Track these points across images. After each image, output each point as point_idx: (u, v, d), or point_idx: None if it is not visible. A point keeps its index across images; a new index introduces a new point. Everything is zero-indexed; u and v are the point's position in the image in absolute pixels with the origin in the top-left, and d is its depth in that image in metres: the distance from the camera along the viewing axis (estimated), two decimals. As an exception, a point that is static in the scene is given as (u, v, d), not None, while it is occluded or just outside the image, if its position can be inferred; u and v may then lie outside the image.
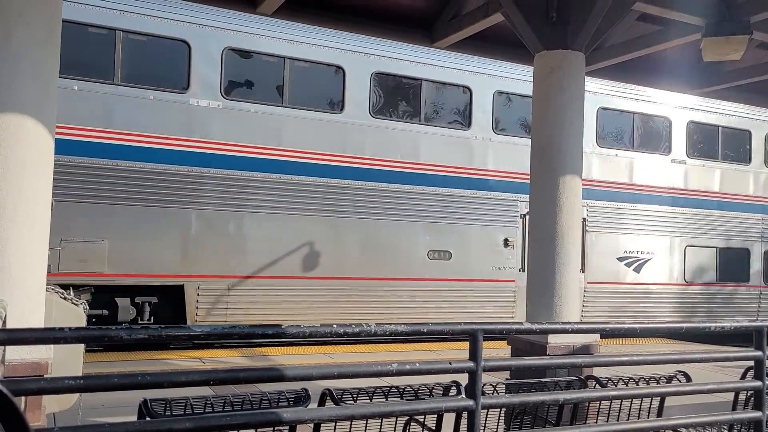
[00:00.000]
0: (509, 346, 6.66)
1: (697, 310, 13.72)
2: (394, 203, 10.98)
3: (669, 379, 4.86)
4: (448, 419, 4.06)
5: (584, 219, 11.93)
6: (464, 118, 11.76)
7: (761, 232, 14.69)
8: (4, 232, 3.79)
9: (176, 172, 9.51)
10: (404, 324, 3.32)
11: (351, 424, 3.81)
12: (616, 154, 13.20)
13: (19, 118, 3.85)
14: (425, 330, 3.52)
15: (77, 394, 4.66)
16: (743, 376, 5.32)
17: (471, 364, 3.39)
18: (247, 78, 10.29)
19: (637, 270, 13.10)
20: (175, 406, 3.45)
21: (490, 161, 11.83)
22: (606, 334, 5.12)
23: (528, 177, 11.75)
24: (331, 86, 10.82)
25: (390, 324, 3.22)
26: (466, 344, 3.48)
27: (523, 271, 11.33)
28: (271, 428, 3.25)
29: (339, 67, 10.68)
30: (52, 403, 4.33)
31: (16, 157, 3.83)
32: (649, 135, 13.87)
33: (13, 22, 3.85)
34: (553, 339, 6.03)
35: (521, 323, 3.88)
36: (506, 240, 11.86)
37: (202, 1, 7.84)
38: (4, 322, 3.27)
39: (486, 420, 4.24)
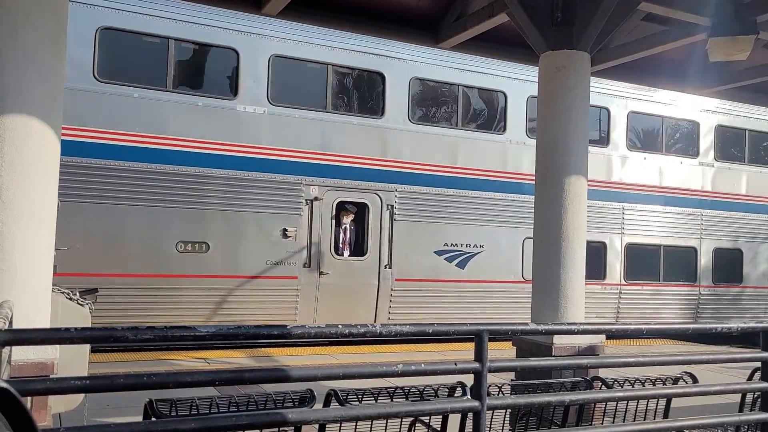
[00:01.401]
0: (514, 347, 6.64)
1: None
2: (129, 185, 8.99)
3: (675, 381, 4.85)
4: (454, 420, 4.06)
5: (392, 206, 10.67)
6: (228, 85, 9.85)
7: (621, 223, 12.85)
8: (10, 233, 3.80)
9: None
10: (409, 325, 3.32)
11: (356, 425, 3.81)
12: (435, 132, 11.27)
13: (26, 119, 3.86)
14: (430, 331, 3.52)
15: (83, 395, 4.67)
16: (750, 378, 5.30)
17: (476, 365, 3.39)
18: None
19: (461, 265, 11.21)
20: (180, 407, 3.46)
21: (264, 137, 9.90)
22: (609, 336, 5.13)
23: (318, 156, 10.35)
24: None
25: (395, 325, 3.22)
26: (471, 345, 3.48)
27: (309, 266, 10.15)
28: (277, 429, 3.26)
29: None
30: (58, 404, 4.35)
31: (22, 158, 3.85)
32: (478, 110, 11.95)
33: (20, 24, 3.87)
34: (558, 340, 6.02)
35: (527, 324, 3.88)
36: (285, 230, 9.95)
37: (207, 2, 7.84)
38: (10, 323, 3.27)
39: (491, 421, 4.23)
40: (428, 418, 4.15)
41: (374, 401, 3.87)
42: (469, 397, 3.49)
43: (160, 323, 8.44)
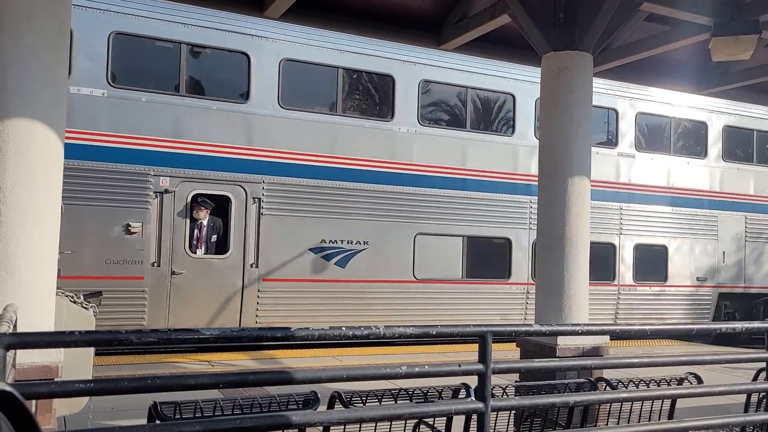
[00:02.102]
0: (518, 348, 6.63)
1: (435, 313, 10.83)
2: None
3: (680, 381, 4.83)
4: (458, 422, 4.05)
5: (259, 199, 9.80)
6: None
7: (528, 218, 11.68)
8: (15, 236, 3.81)
9: None
10: (413, 326, 3.32)
11: (360, 427, 3.81)
12: (310, 118, 10.24)
13: (29, 123, 3.87)
14: (434, 332, 3.52)
15: (87, 398, 4.68)
16: (755, 378, 5.28)
17: (480, 367, 3.38)
18: None
19: (342, 264, 10.30)
20: (184, 409, 3.46)
21: (104, 122, 8.90)
22: (613, 336, 5.12)
23: (169, 143, 9.23)
24: None
25: (399, 326, 3.22)
26: (474, 346, 3.48)
27: (158, 266, 9.16)
28: (281, 431, 3.25)
29: None
30: (63, 407, 4.35)
31: (26, 162, 3.86)
32: (361, 94, 10.93)
33: (23, 28, 3.88)
34: (562, 341, 6.01)
35: (531, 325, 3.87)
36: (128, 225, 8.94)
37: (208, 5, 7.86)
38: (15, 326, 3.28)
39: (495, 422, 4.23)
40: (432, 419, 4.14)
41: (378, 403, 3.86)
42: (473, 398, 3.48)
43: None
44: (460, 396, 4.02)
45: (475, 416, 3.52)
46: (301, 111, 10.20)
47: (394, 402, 3.87)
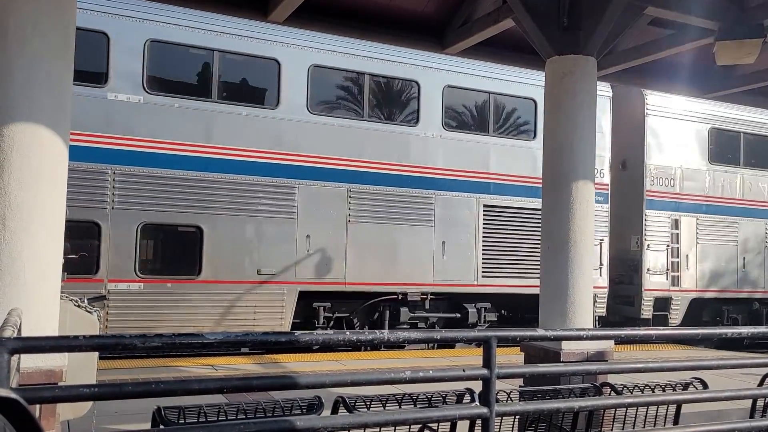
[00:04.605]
0: (522, 353, 6.61)
1: None
2: None
3: (685, 386, 4.81)
4: (462, 427, 4.04)
5: None
6: None
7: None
8: (19, 241, 3.82)
9: None
10: (417, 331, 3.32)
11: (364, 432, 3.80)
12: None
13: (34, 127, 3.88)
14: (438, 337, 3.51)
15: (91, 402, 4.68)
16: (761, 383, 5.26)
17: (485, 372, 3.37)
18: None
19: None
20: (188, 414, 3.46)
21: None
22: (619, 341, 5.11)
23: None
24: None
25: (403, 331, 3.22)
26: (479, 350, 3.47)
27: None
28: (285, 436, 3.24)
29: None
30: (67, 411, 4.35)
31: (30, 166, 3.87)
32: None
33: (29, 33, 3.89)
34: (567, 346, 5.99)
35: (535, 330, 3.86)
36: None
37: (214, 10, 7.87)
38: (19, 330, 3.28)
39: (500, 427, 4.21)
40: (436, 424, 4.13)
41: (382, 408, 3.86)
42: (478, 403, 3.47)
43: None
44: (464, 401, 4.01)
45: (479, 421, 3.51)
46: None
47: (398, 407, 3.86)
